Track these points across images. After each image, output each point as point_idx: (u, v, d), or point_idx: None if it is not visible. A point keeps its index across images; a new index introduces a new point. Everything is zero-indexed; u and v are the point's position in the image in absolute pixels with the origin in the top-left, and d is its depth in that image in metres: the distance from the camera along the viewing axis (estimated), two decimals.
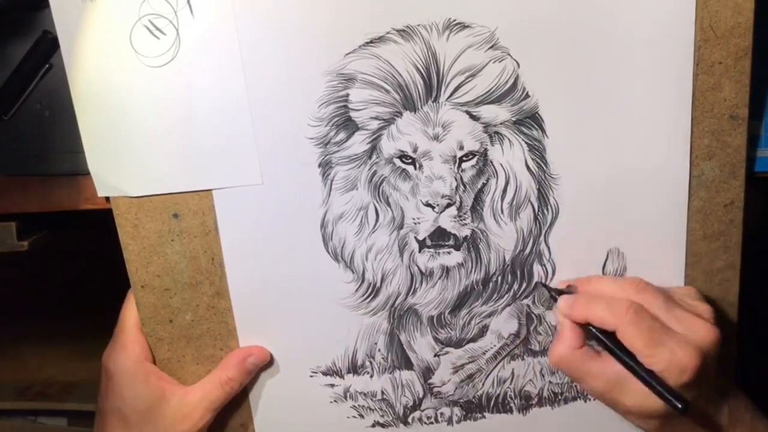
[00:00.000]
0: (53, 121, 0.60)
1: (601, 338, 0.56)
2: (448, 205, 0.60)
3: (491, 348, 0.65)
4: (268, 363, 0.64)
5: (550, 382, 0.66)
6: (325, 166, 0.59)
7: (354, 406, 0.66)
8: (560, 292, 0.60)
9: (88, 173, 0.58)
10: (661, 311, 0.56)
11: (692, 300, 0.59)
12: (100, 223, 0.60)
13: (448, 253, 0.61)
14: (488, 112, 0.58)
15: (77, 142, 0.57)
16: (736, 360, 0.65)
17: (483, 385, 0.66)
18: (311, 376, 0.65)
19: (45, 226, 0.66)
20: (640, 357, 0.54)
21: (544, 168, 0.60)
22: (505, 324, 0.64)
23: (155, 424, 0.61)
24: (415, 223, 0.61)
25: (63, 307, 0.97)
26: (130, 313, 0.62)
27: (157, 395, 0.61)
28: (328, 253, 0.61)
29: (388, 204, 0.60)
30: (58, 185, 0.62)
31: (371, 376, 0.65)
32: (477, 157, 0.59)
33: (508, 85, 0.57)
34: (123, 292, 0.63)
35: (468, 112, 0.58)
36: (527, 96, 0.58)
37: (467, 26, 0.56)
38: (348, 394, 0.66)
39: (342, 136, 0.58)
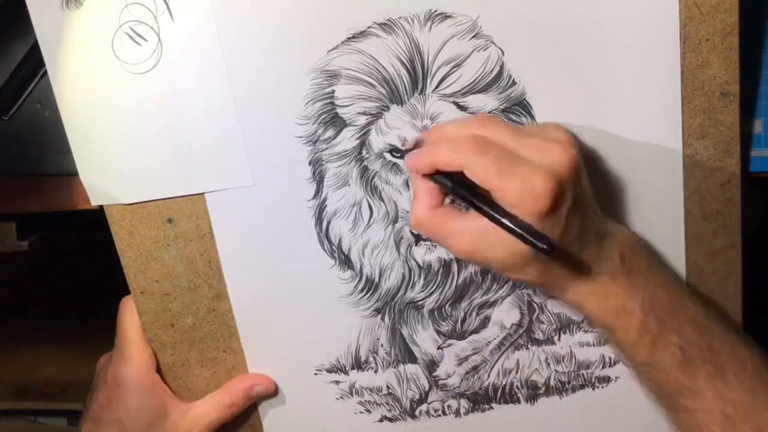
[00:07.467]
0: (53, 121, 0.60)
1: (445, 183, 0.51)
2: None
3: (494, 339, 0.64)
4: (273, 363, 0.64)
5: (556, 371, 0.65)
6: (316, 164, 0.59)
7: (360, 401, 0.66)
8: (408, 151, 0.55)
9: None
10: (510, 140, 0.51)
11: (550, 129, 0.53)
12: (100, 223, 0.61)
13: None
14: (476, 101, 0.58)
15: None
16: None
17: (489, 376, 0.65)
18: (316, 374, 0.65)
19: (45, 227, 0.67)
20: (492, 192, 0.49)
21: None
22: (506, 314, 0.64)
23: None
24: None
25: (63, 307, 0.98)
26: (130, 323, 0.62)
27: (161, 409, 0.61)
28: (325, 250, 0.61)
29: (381, 198, 0.60)
30: (57, 185, 0.63)
31: (376, 371, 0.65)
32: None
33: (494, 74, 0.57)
34: (123, 292, 0.63)
35: (455, 103, 0.58)
36: (514, 83, 0.57)
37: (449, 16, 0.56)
38: (354, 390, 0.66)
39: (330, 133, 0.58)
